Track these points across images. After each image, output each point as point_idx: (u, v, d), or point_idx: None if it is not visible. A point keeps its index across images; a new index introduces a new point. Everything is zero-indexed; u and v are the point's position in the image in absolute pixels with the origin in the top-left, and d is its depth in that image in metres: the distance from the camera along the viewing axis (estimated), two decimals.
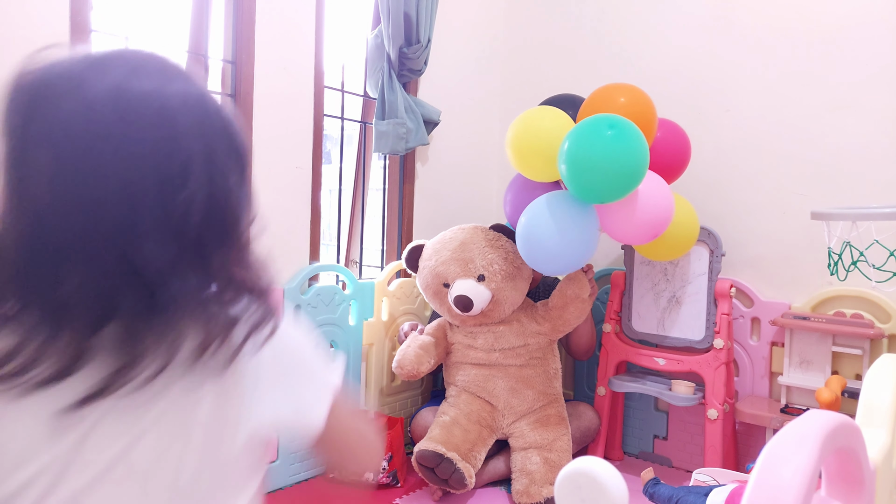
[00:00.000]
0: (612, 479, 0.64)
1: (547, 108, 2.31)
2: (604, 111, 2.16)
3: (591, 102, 2.25)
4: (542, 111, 2.30)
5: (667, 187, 2.20)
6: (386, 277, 2.78)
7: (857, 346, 2.31)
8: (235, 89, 2.30)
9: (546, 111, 2.29)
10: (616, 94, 2.21)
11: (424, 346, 2.47)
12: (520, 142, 2.26)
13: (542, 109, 2.31)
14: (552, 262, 2.21)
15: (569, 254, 2.17)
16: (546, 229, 2.14)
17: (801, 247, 2.50)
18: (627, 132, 1.98)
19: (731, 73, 2.68)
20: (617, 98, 2.19)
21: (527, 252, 2.23)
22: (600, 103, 2.21)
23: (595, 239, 2.20)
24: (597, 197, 2.07)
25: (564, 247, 2.15)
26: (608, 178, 1.98)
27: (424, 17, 2.72)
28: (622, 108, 2.15)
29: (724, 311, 2.43)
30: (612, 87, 2.25)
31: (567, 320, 2.48)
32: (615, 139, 1.96)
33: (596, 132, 2.00)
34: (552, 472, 2.31)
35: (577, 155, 2.01)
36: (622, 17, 2.99)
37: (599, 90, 2.27)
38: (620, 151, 1.96)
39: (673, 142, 2.36)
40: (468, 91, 3.26)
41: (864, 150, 2.39)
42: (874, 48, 2.37)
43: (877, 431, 0.90)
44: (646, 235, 2.19)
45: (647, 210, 2.12)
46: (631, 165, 1.99)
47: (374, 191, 3.05)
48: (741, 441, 2.58)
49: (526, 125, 2.26)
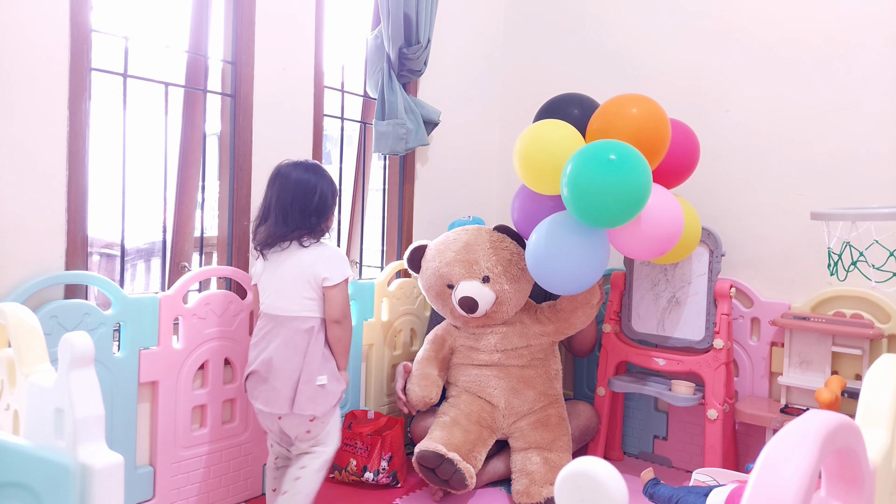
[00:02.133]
0: (613, 479, 0.64)
1: (554, 121, 2.25)
2: (615, 123, 2.12)
3: (602, 114, 2.21)
4: (548, 125, 2.24)
5: (675, 203, 2.17)
6: (386, 278, 2.78)
7: (856, 346, 2.31)
8: (235, 89, 2.30)
9: (553, 125, 2.23)
10: (628, 105, 2.16)
11: (423, 376, 2.50)
12: (527, 157, 2.21)
13: (549, 123, 2.25)
14: (565, 285, 2.20)
15: (581, 276, 2.15)
16: (557, 254, 2.12)
17: (801, 247, 2.51)
18: (630, 161, 1.95)
19: (732, 73, 2.68)
20: (628, 109, 2.14)
21: (540, 276, 2.21)
22: (612, 116, 2.16)
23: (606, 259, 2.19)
24: (599, 223, 2.05)
25: (577, 270, 2.13)
26: (609, 206, 1.96)
27: (424, 17, 2.72)
28: (633, 119, 2.11)
29: (723, 312, 2.43)
30: (624, 99, 2.19)
31: (573, 324, 2.49)
32: (617, 168, 1.93)
33: (598, 159, 1.96)
34: (552, 472, 2.31)
35: (579, 181, 1.98)
36: (623, 17, 2.99)
37: (611, 101, 2.22)
38: (622, 180, 1.93)
39: (683, 145, 2.33)
40: (468, 91, 3.26)
41: (864, 150, 2.39)
42: (874, 49, 2.37)
43: (877, 431, 0.90)
44: (654, 252, 2.17)
45: (655, 228, 2.09)
46: (633, 194, 1.96)
47: (374, 191, 3.05)
48: (741, 441, 2.58)
49: (533, 140, 2.21)
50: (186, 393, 2.12)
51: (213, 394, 2.20)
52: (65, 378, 1.22)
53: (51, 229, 1.86)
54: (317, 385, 1.94)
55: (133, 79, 2.12)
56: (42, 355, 1.40)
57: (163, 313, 2.05)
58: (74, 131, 1.88)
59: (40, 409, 1.28)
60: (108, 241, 3.07)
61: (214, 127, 2.37)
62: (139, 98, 2.23)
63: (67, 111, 1.87)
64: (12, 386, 1.48)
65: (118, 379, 1.96)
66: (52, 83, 1.84)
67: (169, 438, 2.08)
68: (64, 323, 1.83)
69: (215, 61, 2.32)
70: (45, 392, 1.28)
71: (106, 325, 1.92)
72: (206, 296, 2.16)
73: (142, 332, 2.01)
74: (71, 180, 1.88)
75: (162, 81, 2.19)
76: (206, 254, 2.42)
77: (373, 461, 2.40)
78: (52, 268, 1.86)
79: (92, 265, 2.53)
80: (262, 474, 2.34)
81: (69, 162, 1.87)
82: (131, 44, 2.09)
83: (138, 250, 3.57)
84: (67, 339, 1.22)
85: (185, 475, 2.13)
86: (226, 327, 2.21)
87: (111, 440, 1.89)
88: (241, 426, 2.29)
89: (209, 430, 2.19)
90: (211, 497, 2.20)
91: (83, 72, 1.89)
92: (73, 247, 1.90)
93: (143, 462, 2.07)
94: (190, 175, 2.32)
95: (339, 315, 1.98)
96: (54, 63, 1.84)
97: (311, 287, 1.95)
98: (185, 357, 2.11)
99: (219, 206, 2.36)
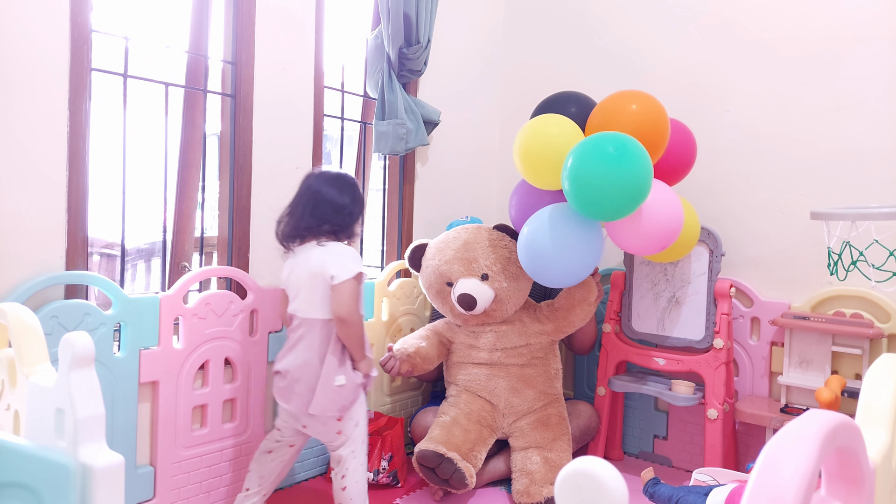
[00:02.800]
0: (613, 479, 0.64)
1: (554, 116, 2.25)
2: (614, 119, 2.12)
3: (602, 110, 2.21)
4: (549, 120, 2.24)
5: (675, 198, 2.17)
6: (386, 277, 2.78)
7: (856, 345, 2.31)
8: (235, 89, 2.30)
9: (553, 120, 2.23)
10: (627, 101, 2.16)
11: (411, 337, 2.51)
12: (527, 151, 2.21)
13: (550, 118, 2.25)
14: (556, 277, 2.19)
15: (572, 268, 2.15)
16: (550, 245, 2.12)
17: (801, 246, 2.51)
18: (631, 152, 1.95)
19: (731, 73, 2.68)
20: (628, 105, 2.14)
21: (530, 267, 2.21)
22: (611, 112, 2.16)
23: (599, 253, 2.18)
24: (600, 215, 2.04)
25: (568, 262, 2.13)
26: (611, 198, 1.95)
27: (424, 17, 2.72)
28: (633, 115, 2.11)
29: (723, 311, 2.43)
30: (624, 95, 2.20)
31: (572, 322, 2.50)
32: (618, 160, 1.93)
33: (599, 151, 1.96)
34: (552, 471, 2.31)
35: (581, 174, 1.98)
36: (623, 15, 2.99)
37: (611, 97, 2.22)
38: (623, 172, 1.93)
39: (681, 143, 2.33)
40: (468, 91, 3.26)
41: (864, 150, 2.39)
42: (874, 48, 2.37)
43: (877, 431, 0.91)
44: (654, 247, 2.16)
45: (655, 222, 2.09)
46: (634, 186, 1.95)
47: (374, 191, 3.05)
48: (741, 441, 2.59)
49: (533, 134, 2.21)
50: (187, 393, 2.12)
51: (214, 394, 2.20)
52: (65, 378, 1.22)
53: (51, 229, 1.86)
54: (336, 386, 1.94)
55: (133, 79, 2.12)
56: (42, 355, 1.40)
57: (163, 313, 2.05)
58: (74, 131, 1.88)
59: (41, 409, 1.29)
60: (108, 241, 3.07)
61: (214, 127, 2.37)
62: (139, 98, 2.24)
63: (67, 111, 1.87)
64: (13, 386, 1.48)
65: (118, 379, 1.96)
66: (52, 83, 1.84)
67: (169, 438, 2.08)
68: (64, 323, 1.83)
69: (215, 61, 2.32)
70: (45, 392, 1.28)
71: (106, 325, 1.92)
72: (206, 296, 2.16)
73: (142, 332, 2.01)
74: (71, 180, 1.88)
75: (162, 81, 2.19)
76: (206, 254, 2.42)
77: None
78: (52, 268, 1.86)
79: (92, 265, 2.53)
80: None
81: (69, 162, 1.88)
82: (131, 44, 2.09)
83: (138, 250, 3.57)
84: (68, 339, 1.22)
85: (185, 475, 2.13)
86: (226, 327, 2.21)
87: (111, 440, 1.89)
88: (241, 426, 2.29)
89: (209, 430, 2.19)
90: (211, 497, 2.20)
91: (83, 72, 1.89)
92: (74, 247, 1.90)
93: (144, 462, 2.07)
94: (190, 175, 2.32)
95: (342, 312, 1.91)
96: (54, 63, 1.84)
97: (325, 286, 1.94)
98: (186, 357, 2.11)
99: (219, 206, 2.36)
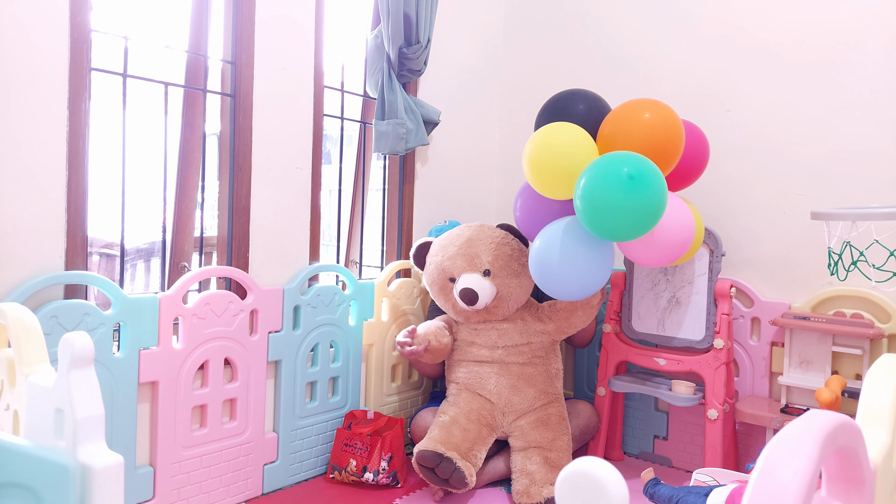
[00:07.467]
0: (613, 479, 0.64)
1: (565, 125, 2.18)
2: (627, 129, 2.09)
3: (614, 118, 2.16)
4: (558, 129, 2.17)
5: (687, 210, 2.14)
6: (386, 278, 2.78)
7: (856, 345, 2.30)
8: (235, 89, 2.30)
9: (565, 129, 2.16)
10: (640, 110, 2.10)
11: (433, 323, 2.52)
12: (537, 163, 2.15)
13: (561, 128, 2.17)
14: (566, 292, 2.18)
15: (583, 285, 2.13)
16: (560, 261, 2.09)
17: (801, 247, 2.50)
18: (647, 177, 1.90)
19: (732, 73, 2.68)
20: (641, 114, 2.09)
21: (541, 281, 2.18)
22: (624, 122, 2.12)
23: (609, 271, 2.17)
24: (613, 237, 2.02)
25: (579, 279, 2.11)
26: (625, 222, 1.92)
27: (424, 17, 2.72)
28: (646, 125, 2.06)
29: (724, 311, 2.43)
30: (637, 104, 2.14)
31: (573, 323, 2.51)
32: (634, 185, 1.88)
33: (614, 175, 1.90)
34: (552, 472, 2.31)
35: (594, 197, 1.93)
36: (623, 17, 2.99)
37: (623, 106, 2.17)
38: (638, 198, 1.89)
39: (694, 146, 2.29)
40: (468, 91, 3.26)
41: (864, 150, 2.39)
42: (875, 49, 2.37)
43: (877, 431, 0.90)
44: (665, 259, 2.15)
45: (667, 237, 2.07)
46: (648, 212, 1.92)
47: (374, 191, 3.05)
48: (741, 441, 2.58)
49: (544, 147, 2.15)
50: (186, 393, 2.12)
51: (213, 394, 2.20)
52: (65, 378, 1.21)
53: (51, 229, 1.85)
54: None
55: (133, 79, 2.11)
56: (42, 355, 1.39)
57: (163, 313, 2.05)
58: (74, 131, 1.88)
59: (40, 409, 1.28)
60: (107, 241, 3.07)
61: (214, 127, 2.37)
62: (139, 98, 2.24)
63: (67, 111, 1.86)
64: (12, 386, 1.48)
65: (118, 379, 1.95)
66: (51, 83, 1.83)
67: (169, 438, 2.08)
68: (64, 323, 1.82)
69: (215, 61, 2.32)
70: (45, 392, 1.28)
71: (106, 325, 1.92)
72: (206, 296, 2.16)
73: (142, 333, 2.01)
74: (71, 180, 1.88)
75: (162, 81, 2.19)
76: (205, 254, 2.42)
77: (373, 461, 2.40)
78: (51, 268, 1.86)
79: (92, 265, 2.53)
80: (262, 474, 2.34)
81: (69, 162, 1.87)
82: (131, 44, 2.08)
83: (138, 250, 3.57)
84: (67, 339, 1.22)
85: (185, 475, 2.13)
86: (225, 327, 2.21)
87: (111, 440, 1.89)
88: (241, 426, 2.29)
89: (209, 430, 2.19)
90: (211, 497, 2.20)
91: (83, 72, 1.89)
92: (73, 247, 1.90)
93: (143, 462, 2.07)
94: (190, 175, 2.32)
95: None
96: (54, 63, 1.84)
97: None
98: (185, 357, 2.11)
99: (219, 206, 2.36)
